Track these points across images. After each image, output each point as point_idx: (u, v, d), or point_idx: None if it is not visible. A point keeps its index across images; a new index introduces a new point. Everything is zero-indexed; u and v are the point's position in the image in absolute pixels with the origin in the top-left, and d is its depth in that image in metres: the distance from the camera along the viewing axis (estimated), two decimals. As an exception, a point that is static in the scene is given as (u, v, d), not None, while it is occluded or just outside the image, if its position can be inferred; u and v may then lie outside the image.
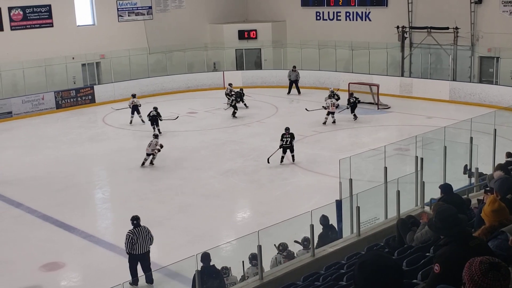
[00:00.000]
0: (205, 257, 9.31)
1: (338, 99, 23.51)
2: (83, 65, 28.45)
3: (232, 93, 24.98)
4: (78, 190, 16.68)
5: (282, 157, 17.93)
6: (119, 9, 30.08)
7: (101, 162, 19.75)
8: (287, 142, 17.89)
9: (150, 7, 30.98)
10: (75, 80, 28.26)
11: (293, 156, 17.99)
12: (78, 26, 28.99)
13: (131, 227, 11.33)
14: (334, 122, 22.30)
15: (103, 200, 16.62)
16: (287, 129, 18.18)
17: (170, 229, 13.86)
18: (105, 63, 28.89)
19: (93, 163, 19.61)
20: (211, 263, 9.30)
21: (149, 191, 16.37)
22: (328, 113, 22.20)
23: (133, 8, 30.53)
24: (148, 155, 18.29)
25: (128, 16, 30.45)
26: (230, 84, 26.28)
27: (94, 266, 12.30)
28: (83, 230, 13.92)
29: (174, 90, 29.63)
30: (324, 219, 10.76)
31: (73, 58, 27.77)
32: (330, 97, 23.23)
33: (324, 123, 22.30)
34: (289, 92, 28.81)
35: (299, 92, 28.82)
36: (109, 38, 29.09)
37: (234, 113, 24.00)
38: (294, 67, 28.98)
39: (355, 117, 22.79)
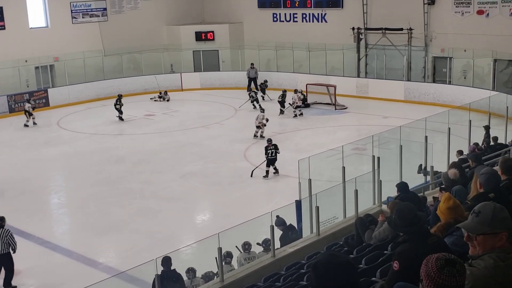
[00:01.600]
0: (166, 261, 9.22)
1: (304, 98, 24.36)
2: (37, 68, 27.85)
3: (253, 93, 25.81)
4: (34, 196, 16.31)
5: (267, 172, 16.67)
6: (73, 11, 29.54)
7: (57, 166, 19.36)
8: (272, 154, 16.72)
9: (105, 9, 30.53)
10: (28, 83, 27.63)
11: (275, 168, 16.74)
12: (31, 28, 28.34)
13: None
14: (301, 114, 23.48)
15: (60, 205, 16.30)
16: (269, 140, 17.14)
17: (130, 233, 13.69)
18: (59, 66, 28.32)
19: (49, 168, 19.20)
20: (172, 267, 9.23)
21: (108, 195, 16.13)
22: (296, 107, 23.21)
23: (87, 10, 30.03)
24: (257, 127, 20.43)
25: (82, 18, 29.94)
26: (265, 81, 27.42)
27: (51, 272, 12.04)
28: (39, 236, 13.62)
29: (131, 92, 29.26)
30: (278, 221, 10.75)
31: (26, 61, 27.16)
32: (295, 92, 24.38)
33: (295, 116, 23.39)
34: (248, 90, 29.03)
35: (257, 89, 29.03)
36: (63, 40, 28.53)
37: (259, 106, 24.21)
38: (252, 64, 29.21)
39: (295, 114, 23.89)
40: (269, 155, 16.59)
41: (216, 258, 10.08)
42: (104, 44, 29.98)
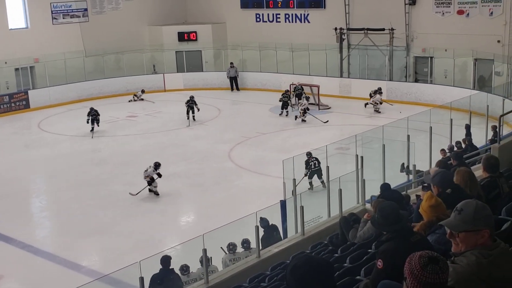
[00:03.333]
0: (165, 260, 9.21)
1: (288, 97, 24.44)
2: (16, 69, 27.52)
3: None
4: (15, 199, 16.12)
5: (311, 183, 15.31)
6: (53, 12, 29.27)
7: (38, 169, 19.15)
8: (316, 165, 15.46)
9: (86, 9, 30.30)
10: (8, 85, 27.31)
11: (322, 182, 14.81)
12: (11, 29, 28.02)
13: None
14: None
15: (41, 208, 16.14)
16: (309, 153, 15.69)
17: (113, 235, 13.61)
18: (39, 67, 28.03)
19: (29, 171, 18.98)
20: (171, 267, 9.24)
21: (90, 198, 16.00)
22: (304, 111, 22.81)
23: (68, 11, 29.78)
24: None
25: (63, 18, 29.68)
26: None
27: (34, 277, 11.92)
28: (21, 240, 13.47)
29: (113, 93, 29.07)
30: (262, 221, 10.75)
31: (5, 62, 26.82)
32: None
33: (303, 121, 22.85)
34: (232, 89, 29.13)
35: (237, 88, 29.13)
36: (43, 41, 28.24)
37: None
38: (232, 63, 29.28)
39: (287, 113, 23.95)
40: (312, 166, 15.47)
41: (221, 247, 10.14)
42: (85, 45, 29.74)
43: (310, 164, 15.51)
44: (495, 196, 5.80)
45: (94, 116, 21.87)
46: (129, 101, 27.88)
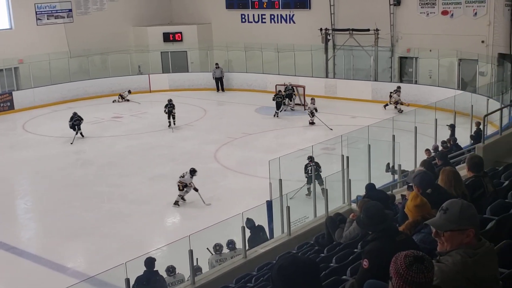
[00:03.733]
0: (149, 262, 9.17)
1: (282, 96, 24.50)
2: (0, 70, 27.27)
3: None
4: (-1, 201, 15.99)
5: (309, 189, 14.05)
6: (37, 12, 29.05)
7: (23, 171, 19.00)
8: (311, 171, 14.54)
9: (70, 10, 30.11)
10: (-8, 86, 27.09)
11: (322, 189, 13.31)
12: (-6, 30, 27.81)
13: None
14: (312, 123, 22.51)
15: (26, 210, 15.99)
16: (310, 158, 14.79)
17: (99, 237, 13.53)
18: (23, 68, 27.78)
19: (14, 172, 18.83)
20: (155, 269, 9.20)
21: (75, 199, 15.89)
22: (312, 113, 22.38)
23: (52, 11, 29.56)
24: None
25: (47, 19, 29.46)
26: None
27: (19, 278, 11.81)
28: (5, 242, 13.35)
29: (98, 94, 28.92)
30: (249, 222, 10.75)
31: (-11, 63, 26.61)
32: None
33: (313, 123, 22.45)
34: (218, 90, 29.09)
35: (223, 89, 29.10)
36: (28, 42, 28.01)
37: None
38: (217, 64, 29.27)
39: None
40: (309, 171, 14.61)
41: (207, 248, 10.13)
42: (70, 46, 29.55)
43: (308, 169, 14.79)
44: (480, 195, 5.85)
45: (77, 122, 21.31)
46: (113, 101, 27.74)
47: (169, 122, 22.65)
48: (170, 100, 23.04)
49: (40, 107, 26.79)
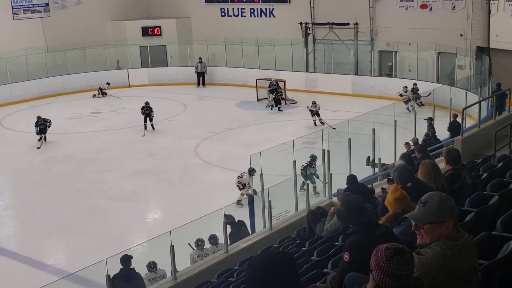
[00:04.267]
0: (125, 259, 9.10)
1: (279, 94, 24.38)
2: (-23, 66, 26.89)
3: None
4: (-24, 198, 15.77)
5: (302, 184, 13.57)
6: (13, 7, 28.62)
7: (1, 167, 18.73)
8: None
9: (47, 4, 29.70)
10: (-32, 82, 26.65)
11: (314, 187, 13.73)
12: (-30, 25, 27.34)
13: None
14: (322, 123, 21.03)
15: (4, 207, 15.77)
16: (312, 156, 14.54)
17: (79, 234, 13.41)
18: (0, 63, 27.36)
19: (-8, 169, 18.58)
20: (131, 266, 9.14)
21: (54, 196, 15.74)
22: (313, 115, 21.38)
23: (29, 6, 29.15)
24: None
25: (24, 14, 29.04)
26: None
27: (-3, 277, 11.67)
28: (-17, 240, 13.19)
29: (76, 89, 28.61)
30: (228, 218, 10.70)
31: (-35, 58, 26.18)
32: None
33: (320, 123, 21.06)
34: (198, 85, 28.95)
35: (203, 84, 28.95)
36: (4, 37, 27.59)
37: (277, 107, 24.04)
38: (200, 58, 29.13)
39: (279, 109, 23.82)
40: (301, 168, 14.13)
41: (189, 243, 10.11)
42: (47, 41, 29.17)
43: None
44: (459, 187, 5.90)
45: (42, 126, 20.31)
46: (93, 96, 27.46)
47: (145, 125, 21.35)
48: (147, 103, 21.80)
49: (17, 102, 26.45)
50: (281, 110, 23.84)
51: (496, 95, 14.77)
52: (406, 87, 22.89)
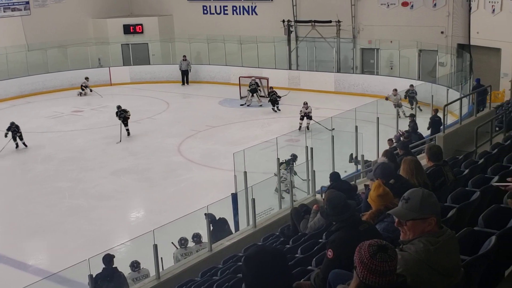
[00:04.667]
0: (107, 258, 9.05)
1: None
2: (-44, 65, 26.52)
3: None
4: (-44, 199, 15.55)
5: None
6: (-7, 5, 28.30)
7: (-19, 167, 18.51)
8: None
9: (27, 2, 29.39)
10: None
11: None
12: None
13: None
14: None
15: (-15, 207, 15.60)
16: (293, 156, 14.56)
17: (61, 233, 13.29)
18: (-20, 62, 27.07)
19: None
20: (114, 265, 9.09)
21: (36, 195, 15.57)
22: (303, 117, 20.21)
23: (9, 4, 28.80)
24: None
25: (4, 12, 28.69)
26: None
27: (-22, 278, 11.52)
28: (-37, 241, 13.01)
29: (57, 88, 28.33)
30: (208, 217, 10.66)
31: None
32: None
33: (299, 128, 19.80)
34: (183, 83, 28.80)
35: (187, 82, 28.82)
36: (-16, 35, 27.29)
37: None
38: (184, 56, 28.99)
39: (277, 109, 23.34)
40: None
41: (172, 242, 10.07)
42: (28, 39, 28.86)
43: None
44: (441, 184, 5.93)
45: (14, 132, 19.46)
46: (78, 94, 27.19)
47: (121, 130, 19.89)
48: (119, 107, 20.55)
49: (-2, 101, 26.17)
50: (279, 110, 23.23)
51: (477, 92, 14.91)
52: (396, 89, 20.79)
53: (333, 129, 15.52)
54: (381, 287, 2.66)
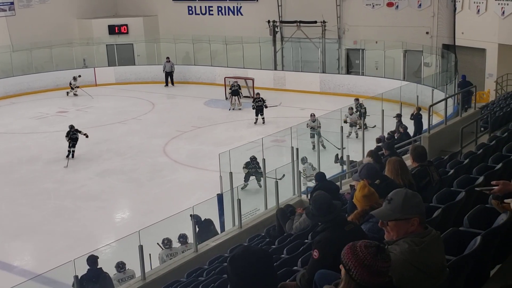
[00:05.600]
0: (91, 259, 9.00)
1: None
2: None
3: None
4: None
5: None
6: (-23, 5, 28.01)
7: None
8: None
9: (12, 3, 29.12)
10: None
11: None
12: None
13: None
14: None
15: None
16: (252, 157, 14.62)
17: (46, 234, 13.20)
18: (-36, 62, 26.79)
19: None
20: (98, 266, 9.04)
21: (20, 196, 15.44)
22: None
23: (-7, 4, 28.56)
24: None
25: (-12, 12, 28.43)
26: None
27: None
28: None
29: (42, 89, 28.10)
30: (193, 218, 10.63)
31: None
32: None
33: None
34: (166, 85, 28.67)
35: (172, 83, 28.71)
36: (-33, 35, 27.00)
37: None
38: (168, 58, 28.84)
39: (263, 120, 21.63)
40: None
41: (158, 243, 10.03)
42: (12, 40, 28.61)
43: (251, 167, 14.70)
44: (426, 184, 5.96)
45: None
46: (67, 93, 26.90)
47: (70, 151, 18.15)
48: (72, 127, 18.54)
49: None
50: (263, 123, 21.25)
51: (462, 91, 15.02)
52: (351, 108, 18.90)
53: (344, 148, 14.38)
54: (375, 287, 2.66)
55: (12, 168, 17.71)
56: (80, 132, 18.52)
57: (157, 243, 10.25)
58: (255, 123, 21.47)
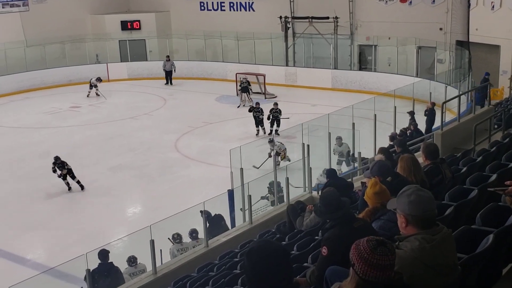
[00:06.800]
0: (102, 254, 9.05)
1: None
2: (-46, 60, 26.43)
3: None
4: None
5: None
6: (-9, 1, 28.20)
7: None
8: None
9: (26, -1, 29.35)
10: None
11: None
12: None
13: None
14: None
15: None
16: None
17: (58, 228, 13.29)
18: (-22, 58, 26.99)
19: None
20: (109, 260, 9.10)
21: (33, 191, 15.54)
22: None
23: (8, 0, 28.71)
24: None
25: (2, 8, 28.61)
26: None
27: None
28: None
29: (55, 84, 28.29)
30: (203, 214, 10.64)
31: None
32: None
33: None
34: (166, 83, 28.52)
35: (171, 83, 28.40)
36: (-18, 31, 27.19)
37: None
38: (168, 56, 28.71)
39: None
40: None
41: (169, 238, 10.07)
42: (26, 35, 28.79)
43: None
44: (438, 181, 5.92)
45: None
46: (87, 95, 26.18)
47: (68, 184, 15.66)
48: (57, 158, 15.59)
49: (-6, 97, 26.10)
50: (278, 135, 18.82)
51: (475, 88, 14.88)
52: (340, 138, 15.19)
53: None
54: (380, 282, 2.65)
55: (24, 163, 17.84)
56: (66, 164, 15.45)
57: (168, 238, 10.29)
58: (256, 134, 19.55)
